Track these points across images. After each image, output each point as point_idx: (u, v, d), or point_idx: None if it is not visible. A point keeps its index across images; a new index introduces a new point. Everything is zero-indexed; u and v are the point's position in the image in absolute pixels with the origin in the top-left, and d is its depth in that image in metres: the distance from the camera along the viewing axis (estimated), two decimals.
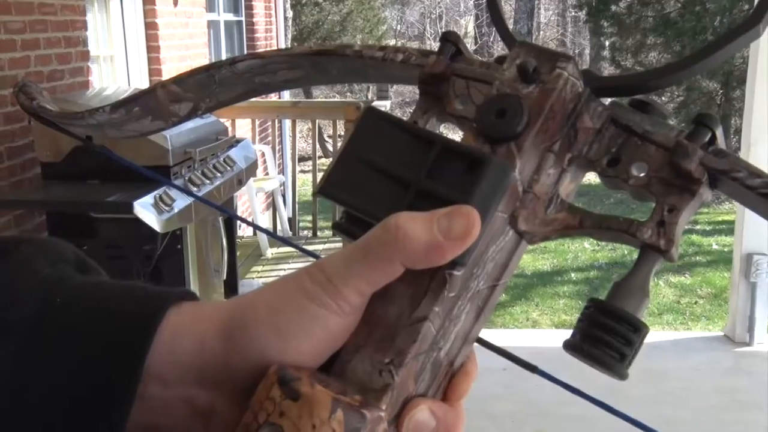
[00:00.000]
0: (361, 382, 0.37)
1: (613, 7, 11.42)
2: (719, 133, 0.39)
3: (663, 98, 10.75)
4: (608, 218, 0.41)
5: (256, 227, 2.82)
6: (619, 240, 0.41)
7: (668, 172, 0.39)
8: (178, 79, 0.61)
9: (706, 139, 0.39)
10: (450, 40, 0.46)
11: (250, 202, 5.99)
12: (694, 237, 7.98)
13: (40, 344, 0.37)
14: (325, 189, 0.39)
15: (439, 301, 0.37)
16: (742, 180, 0.38)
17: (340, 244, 4.99)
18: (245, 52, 8.06)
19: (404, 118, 0.42)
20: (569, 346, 0.39)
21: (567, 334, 0.40)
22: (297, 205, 6.55)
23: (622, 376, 0.39)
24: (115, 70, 5.26)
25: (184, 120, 0.65)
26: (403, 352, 0.36)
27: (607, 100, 0.42)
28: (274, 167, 6.59)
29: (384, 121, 0.40)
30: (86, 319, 0.38)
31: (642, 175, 0.40)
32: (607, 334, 0.38)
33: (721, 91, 10.66)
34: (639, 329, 0.38)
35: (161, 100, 0.62)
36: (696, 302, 6.76)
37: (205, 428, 0.38)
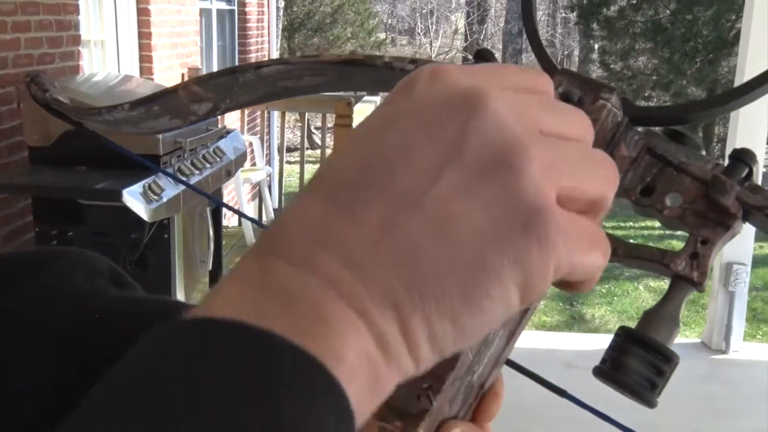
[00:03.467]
0: (398, 406, 0.37)
1: (604, 11, 11.46)
2: (756, 168, 0.39)
3: (650, 103, 10.82)
4: (641, 247, 0.41)
5: (249, 219, 2.80)
6: (650, 269, 0.41)
7: (703, 204, 0.40)
8: (201, 80, 0.61)
9: (743, 174, 0.39)
10: (485, 57, 0.46)
11: (236, 192, 5.96)
12: (675, 243, 8.05)
13: (75, 357, 0.37)
14: None
15: None
16: None
17: None
18: (236, 41, 8.01)
19: None
20: (600, 373, 0.40)
21: (545, 335, 0.41)
22: (283, 197, 6.53)
23: (651, 404, 0.39)
24: (105, 55, 5.22)
25: (203, 119, 0.65)
26: (442, 378, 0.37)
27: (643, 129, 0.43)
28: (262, 158, 6.57)
29: None
30: (122, 333, 0.38)
31: (676, 206, 0.41)
32: (639, 363, 0.39)
33: None
34: (670, 359, 0.39)
35: (182, 100, 0.62)
36: None
37: None
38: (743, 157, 0.39)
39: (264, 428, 0.23)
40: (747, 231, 0.40)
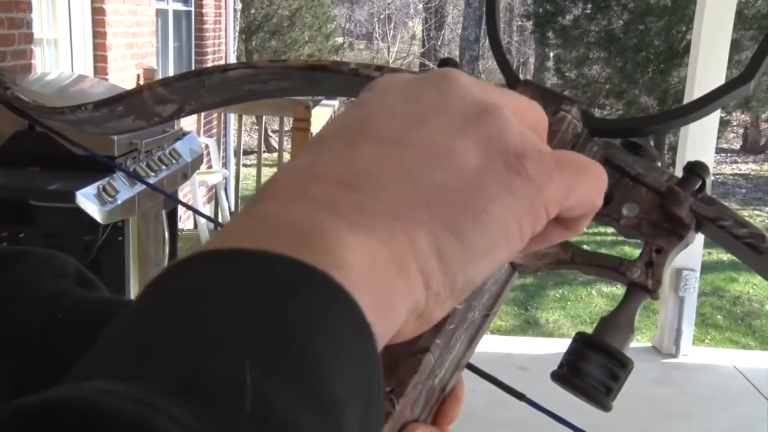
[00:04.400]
0: None
1: (560, 20, 11.63)
2: (708, 180, 0.41)
3: (604, 111, 11.01)
4: (599, 256, 0.42)
5: (211, 220, 2.78)
6: (607, 276, 0.43)
7: (658, 214, 0.41)
8: (166, 82, 0.61)
9: (697, 186, 0.41)
10: (449, 66, 0.47)
11: (192, 195, 5.90)
12: (627, 249, 8.19)
13: (43, 358, 0.37)
14: None
15: (440, 334, 0.38)
16: (729, 228, 0.40)
17: None
18: (193, 43, 7.93)
19: None
20: (558, 377, 0.41)
21: (500, 339, 0.42)
22: (239, 200, 6.49)
23: (606, 408, 0.41)
24: (59, 54, 5.12)
25: (167, 121, 0.65)
26: (405, 381, 0.37)
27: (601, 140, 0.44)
28: (218, 161, 6.51)
29: None
30: (87, 334, 0.38)
31: (633, 215, 0.42)
32: (595, 368, 0.40)
33: (657, 108, 10.96)
34: (625, 365, 0.40)
35: (146, 101, 0.62)
36: None
37: None
38: (697, 170, 0.41)
39: (272, 341, 0.21)
40: (697, 238, 0.42)
